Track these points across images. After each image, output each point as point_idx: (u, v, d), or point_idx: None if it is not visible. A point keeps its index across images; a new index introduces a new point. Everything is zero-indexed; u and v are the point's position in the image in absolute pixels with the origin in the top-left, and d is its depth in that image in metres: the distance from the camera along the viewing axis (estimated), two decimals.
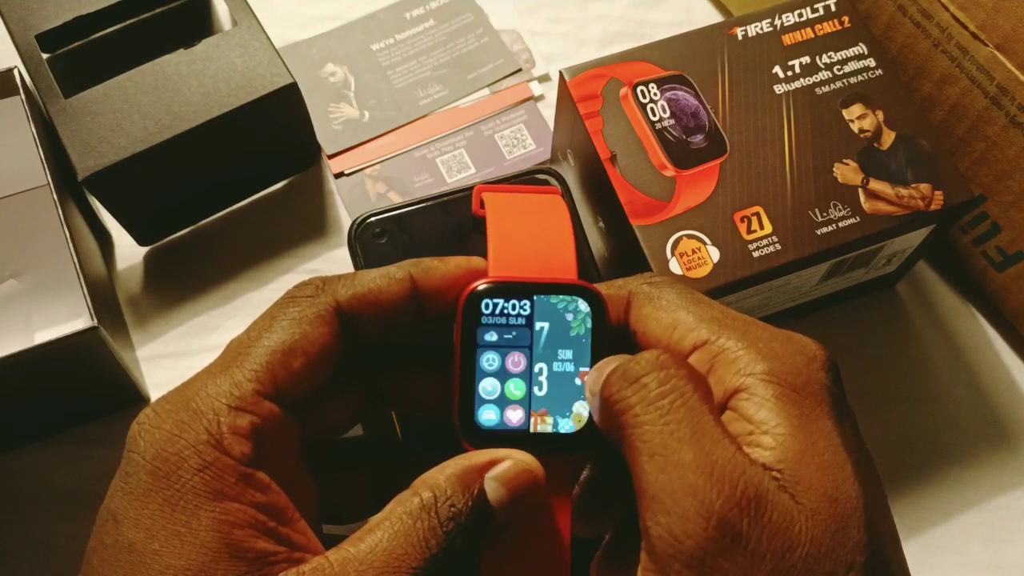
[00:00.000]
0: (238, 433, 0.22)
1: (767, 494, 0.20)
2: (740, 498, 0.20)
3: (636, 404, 0.21)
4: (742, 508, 0.20)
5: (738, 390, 0.22)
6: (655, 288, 0.26)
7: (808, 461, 0.21)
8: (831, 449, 0.21)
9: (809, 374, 0.22)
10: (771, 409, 0.22)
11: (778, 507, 0.20)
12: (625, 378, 0.22)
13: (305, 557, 0.22)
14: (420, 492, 0.23)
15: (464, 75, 0.52)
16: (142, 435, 0.22)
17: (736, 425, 0.22)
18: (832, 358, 0.24)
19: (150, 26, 0.44)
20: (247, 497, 0.22)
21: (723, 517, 0.20)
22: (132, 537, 0.21)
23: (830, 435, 0.22)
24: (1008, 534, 0.42)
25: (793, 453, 0.21)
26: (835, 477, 0.21)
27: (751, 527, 0.20)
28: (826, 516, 0.20)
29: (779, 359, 0.23)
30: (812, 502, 0.20)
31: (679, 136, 0.38)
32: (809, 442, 0.21)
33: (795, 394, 0.22)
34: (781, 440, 0.21)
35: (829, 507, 0.20)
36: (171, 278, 0.46)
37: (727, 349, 0.23)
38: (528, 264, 0.27)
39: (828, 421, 0.22)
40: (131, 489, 0.22)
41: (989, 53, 0.39)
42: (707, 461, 0.20)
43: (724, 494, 0.20)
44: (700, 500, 0.20)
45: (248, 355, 0.24)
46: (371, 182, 0.49)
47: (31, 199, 0.40)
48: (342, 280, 0.25)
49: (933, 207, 0.38)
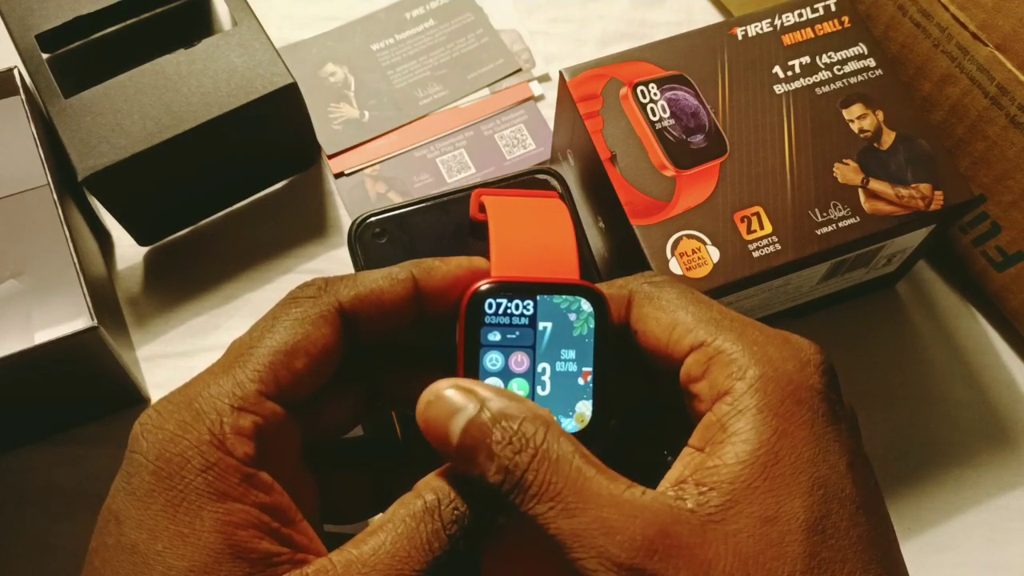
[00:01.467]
0: (241, 433, 0.22)
1: (668, 525, 0.21)
2: (642, 541, 0.20)
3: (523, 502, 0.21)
4: (647, 550, 0.20)
5: (724, 394, 0.23)
6: (656, 288, 0.26)
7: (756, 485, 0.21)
8: (793, 467, 0.22)
9: (800, 380, 0.23)
10: (749, 420, 0.22)
11: (685, 531, 0.20)
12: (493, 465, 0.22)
13: (308, 558, 0.22)
14: (423, 494, 0.23)
15: (464, 75, 0.52)
16: (145, 435, 0.22)
17: (711, 430, 0.23)
18: (828, 361, 0.24)
19: (150, 26, 0.44)
20: (250, 498, 0.22)
21: (632, 567, 0.20)
22: (134, 538, 0.21)
23: (801, 448, 0.22)
24: (1008, 534, 0.42)
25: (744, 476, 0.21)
26: (779, 499, 0.21)
27: (662, 561, 0.20)
28: (754, 534, 0.21)
29: (771, 364, 0.23)
30: (739, 523, 0.21)
31: (679, 136, 0.38)
32: (771, 463, 0.21)
33: (779, 404, 0.22)
34: (742, 458, 0.22)
35: (760, 527, 0.21)
36: (171, 278, 0.46)
37: (722, 351, 0.23)
38: (531, 264, 0.27)
39: (807, 431, 0.22)
40: (133, 489, 0.22)
41: (989, 53, 0.39)
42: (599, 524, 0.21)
43: (625, 546, 0.20)
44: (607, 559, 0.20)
45: (251, 355, 0.23)
46: (371, 182, 0.49)
47: (31, 199, 0.40)
48: (344, 281, 0.25)
49: (933, 207, 0.38)
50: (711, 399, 0.23)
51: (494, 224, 0.28)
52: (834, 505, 0.21)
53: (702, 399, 0.23)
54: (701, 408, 0.24)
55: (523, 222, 0.28)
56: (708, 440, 0.23)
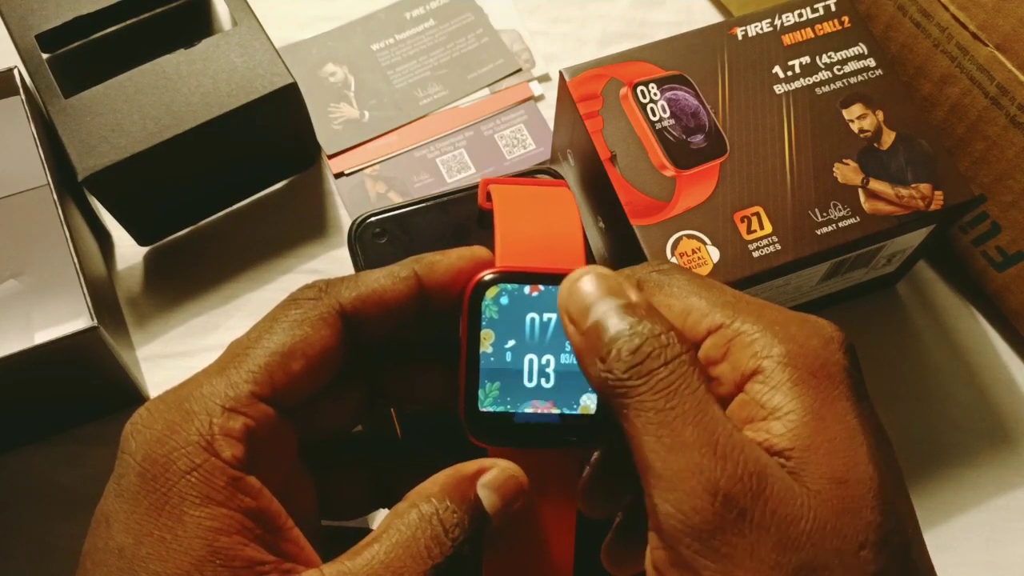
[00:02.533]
0: (230, 435, 0.22)
1: (767, 470, 0.20)
2: (742, 475, 0.20)
3: (639, 384, 0.21)
4: (745, 484, 0.20)
5: (754, 373, 0.22)
6: (664, 276, 0.25)
7: (818, 447, 0.21)
8: (845, 433, 0.21)
9: (827, 356, 0.22)
10: (786, 394, 0.22)
11: (778, 483, 0.20)
12: (624, 357, 0.22)
13: (296, 568, 0.22)
14: (418, 504, 0.22)
15: (464, 75, 0.52)
16: (134, 436, 0.22)
17: (750, 409, 0.22)
18: (849, 340, 0.23)
19: (150, 26, 0.44)
20: (236, 502, 0.21)
21: (728, 493, 0.20)
22: (121, 541, 0.21)
23: (846, 418, 0.22)
24: (1008, 534, 0.42)
25: (803, 440, 0.21)
26: (846, 461, 0.21)
27: (754, 502, 0.20)
28: (831, 497, 0.20)
29: (795, 341, 0.22)
30: (818, 484, 0.21)
31: (679, 136, 0.38)
32: (821, 427, 0.21)
33: (812, 377, 0.22)
34: (793, 427, 0.21)
35: (836, 489, 0.21)
36: (171, 278, 0.46)
37: (743, 332, 0.23)
38: (536, 254, 0.26)
39: (845, 403, 0.22)
40: (122, 491, 0.21)
41: (989, 53, 0.39)
42: (710, 440, 0.20)
43: (727, 472, 0.20)
44: (706, 478, 0.20)
45: (247, 356, 0.23)
46: (371, 182, 0.49)
47: (31, 199, 0.40)
48: (345, 282, 0.25)
49: (933, 207, 0.38)
50: (734, 381, 0.23)
51: (499, 213, 0.27)
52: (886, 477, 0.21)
53: (723, 382, 0.23)
54: (722, 391, 0.23)
55: (529, 211, 0.28)
56: (747, 419, 0.22)
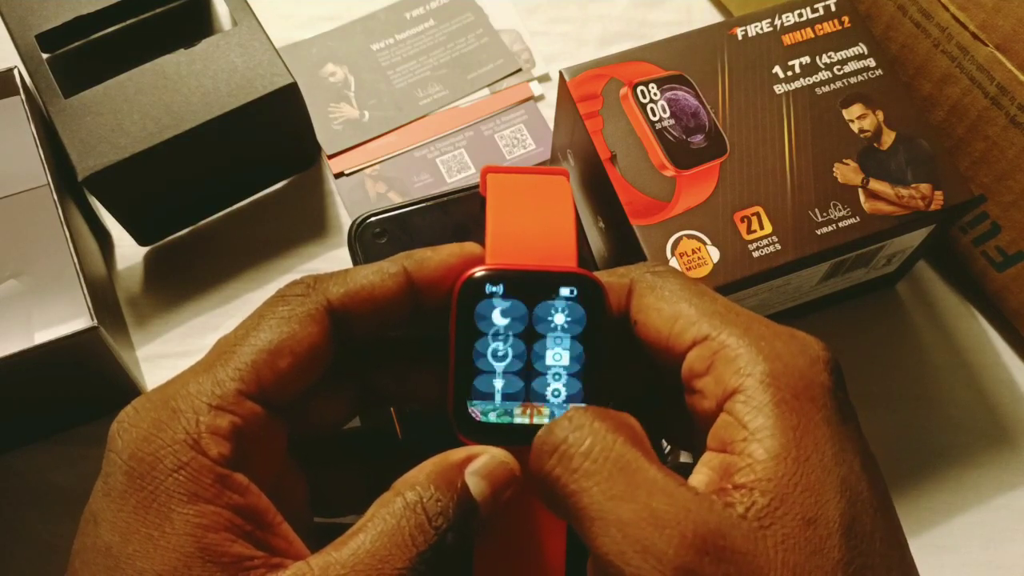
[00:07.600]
0: (217, 433, 0.22)
1: (722, 527, 0.20)
2: (693, 539, 0.19)
3: (563, 475, 0.21)
4: (698, 549, 0.19)
5: (736, 391, 0.22)
6: (658, 278, 0.25)
7: (795, 481, 0.21)
8: (821, 466, 0.21)
9: (811, 377, 0.22)
10: (768, 416, 0.21)
11: (738, 537, 0.20)
12: (545, 451, 0.22)
13: (284, 563, 0.21)
14: (403, 492, 0.22)
15: (464, 75, 0.52)
16: (120, 434, 0.22)
17: (730, 431, 0.22)
18: (835, 359, 0.23)
19: (150, 26, 0.44)
20: (223, 499, 0.21)
21: (680, 565, 0.19)
22: (109, 540, 0.21)
23: (824, 447, 0.21)
24: (1008, 534, 0.42)
25: (780, 472, 0.21)
26: (817, 498, 0.20)
27: (712, 565, 0.19)
28: (800, 540, 0.20)
29: (780, 360, 0.22)
30: (788, 528, 0.20)
31: (679, 136, 0.38)
32: (801, 458, 0.21)
33: (795, 399, 0.21)
34: (773, 453, 0.21)
35: (804, 531, 0.20)
36: (171, 278, 0.46)
37: (727, 346, 0.23)
38: (526, 250, 0.26)
39: (826, 428, 0.21)
40: (109, 490, 0.21)
41: (989, 53, 0.39)
42: (648, 514, 0.20)
43: (675, 542, 0.19)
44: (652, 555, 0.19)
45: (233, 354, 0.23)
46: (371, 182, 0.49)
47: (31, 199, 0.40)
48: (334, 278, 0.25)
49: (933, 207, 0.38)
50: (716, 396, 0.22)
51: (492, 205, 0.27)
52: (858, 508, 0.21)
53: (706, 395, 0.23)
54: (704, 405, 0.23)
55: (522, 203, 0.27)
56: (728, 440, 0.22)
